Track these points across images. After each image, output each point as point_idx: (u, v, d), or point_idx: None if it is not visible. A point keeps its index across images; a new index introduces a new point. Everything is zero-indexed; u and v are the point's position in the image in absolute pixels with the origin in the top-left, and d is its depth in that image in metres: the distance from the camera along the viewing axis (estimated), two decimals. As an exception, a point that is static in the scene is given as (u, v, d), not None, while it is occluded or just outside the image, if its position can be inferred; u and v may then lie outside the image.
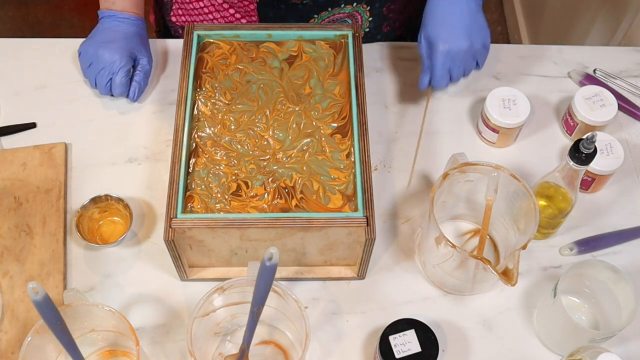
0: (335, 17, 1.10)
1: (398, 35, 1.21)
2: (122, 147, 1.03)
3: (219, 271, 0.92)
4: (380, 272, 0.94)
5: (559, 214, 0.92)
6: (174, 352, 0.88)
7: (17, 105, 1.07)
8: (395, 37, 1.20)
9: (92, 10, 1.11)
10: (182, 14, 1.16)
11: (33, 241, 0.94)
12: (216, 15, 1.12)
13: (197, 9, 1.13)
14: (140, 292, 0.92)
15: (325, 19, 1.10)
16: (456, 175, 0.89)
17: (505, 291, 0.93)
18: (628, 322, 0.81)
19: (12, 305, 0.89)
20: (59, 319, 0.71)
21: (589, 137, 0.81)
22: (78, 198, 0.98)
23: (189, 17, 1.15)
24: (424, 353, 0.81)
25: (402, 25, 1.19)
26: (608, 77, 1.12)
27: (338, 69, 0.95)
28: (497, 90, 1.01)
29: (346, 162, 0.87)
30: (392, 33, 1.19)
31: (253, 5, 1.08)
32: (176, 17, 1.17)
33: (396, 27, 1.18)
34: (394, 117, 1.08)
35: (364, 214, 0.83)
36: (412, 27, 1.22)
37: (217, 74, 0.94)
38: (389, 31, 1.18)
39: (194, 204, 0.84)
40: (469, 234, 0.98)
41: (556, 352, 0.89)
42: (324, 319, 0.91)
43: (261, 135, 0.89)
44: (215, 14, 1.12)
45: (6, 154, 1.01)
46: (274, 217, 0.82)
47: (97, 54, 1.03)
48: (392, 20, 1.16)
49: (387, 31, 1.18)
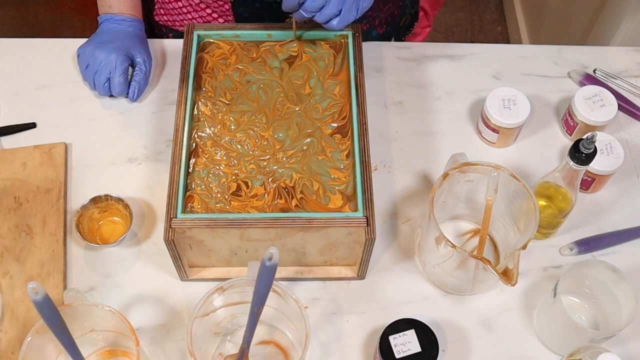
0: None
1: (380, 33, 1.20)
2: (122, 147, 1.03)
3: (219, 271, 0.92)
4: (380, 272, 0.94)
5: (559, 214, 0.92)
6: (174, 352, 0.88)
7: (17, 105, 1.07)
8: (378, 35, 1.19)
9: (92, 10, 1.11)
10: (163, 14, 1.17)
11: (33, 241, 0.94)
12: (194, 15, 1.12)
13: (176, 8, 1.14)
14: (140, 292, 0.92)
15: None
16: (456, 175, 0.89)
17: (505, 291, 0.93)
18: (628, 322, 0.81)
19: (12, 305, 0.89)
20: (59, 319, 0.71)
21: (589, 137, 0.81)
22: (78, 198, 0.98)
23: (170, 17, 1.16)
24: (424, 353, 0.81)
25: (382, 23, 1.18)
26: (608, 77, 1.12)
27: (338, 69, 0.95)
28: (497, 90, 1.01)
29: (346, 162, 0.87)
30: (373, 31, 1.18)
31: (228, 5, 1.08)
32: (158, 16, 1.18)
33: (375, 25, 1.17)
34: (394, 117, 1.08)
35: (364, 214, 0.83)
36: (396, 26, 1.21)
37: (217, 74, 0.94)
38: (369, 29, 1.17)
39: (194, 204, 0.84)
40: (469, 234, 0.98)
41: (556, 352, 0.89)
42: (324, 319, 0.91)
43: (261, 135, 0.89)
44: (193, 13, 1.13)
45: (6, 154, 1.01)
46: (274, 217, 0.82)
47: (94, 55, 1.03)
48: (371, 18, 1.15)
49: (367, 29, 1.17)
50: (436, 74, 1.13)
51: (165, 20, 1.18)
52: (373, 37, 1.18)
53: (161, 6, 1.16)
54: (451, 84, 1.11)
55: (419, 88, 1.11)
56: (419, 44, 1.16)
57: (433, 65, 1.13)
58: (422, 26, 1.29)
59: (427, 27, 1.30)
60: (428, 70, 1.13)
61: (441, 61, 1.14)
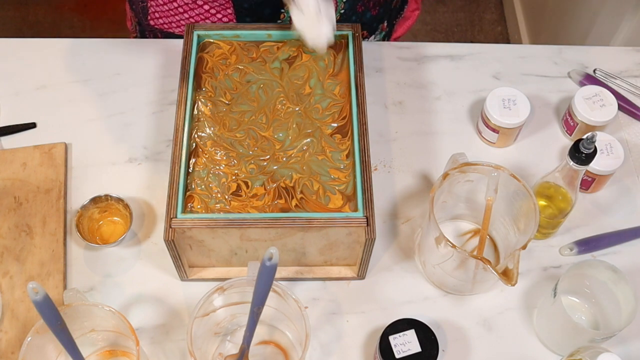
0: None
1: (373, 15, 1.19)
2: (122, 147, 1.03)
3: (219, 271, 0.92)
4: (380, 272, 0.94)
5: (559, 214, 0.92)
6: (174, 352, 0.88)
7: (17, 105, 1.07)
8: (371, 17, 1.19)
9: (92, 10, 1.11)
10: (159, 17, 1.16)
11: (33, 241, 0.94)
12: (191, 13, 1.12)
13: (172, 9, 1.13)
14: (140, 292, 0.92)
15: None
16: (456, 175, 0.89)
17: (505, 291, 0.93)
18: (628, 322, 0.81)
19: (12, 305, 0.89)
20: (59, 319, 0.71)
21: (589, 137, 0.81)
22: (78, 198, 0.98)
23: (166, 19, 1.15)
24: (424, 353, 0.81)
25: (375, 4, 1.18)
26: (608, 77, 1.12)
27: (338, 69, 0.95)
28: (497, 90, 1.01)
29: (346, 162, 0.87)
30: (367, 12, 1.18)
31: None
32: (154, 20, 1.17)
33: (370, 6, 1.17)
34: (394, 117, 1.08)
35: (364, 214, 0.83)
36: (388, 7, 1.21)
37: (217, 74, 0.94)
38: (364, 11, 1.17)
39: (194, 204, 0.84)
40: (469, 234, 0.98)
41: (556, 352, 0.89)
42: (324, 319, 0.91)
43: (261, 135, 0.89)
44: (190, 12, 1.12)
45: (6, 154, 1.01)
46: (274, 217, 0.82)
47: None
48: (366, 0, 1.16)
49: (362, 11, 1.16)
50: (436, 74, 1.13)
51: (162, 24, 1.17)
52: (367, 19, 1.18)
53: (156, 9, 1.15)
54: (451, 84, 1.11)
55: (419, 88, 1.11)
56: (419, 44, 1.16)
57: (433, 65, 1.13)
58: (412, 9, 1.29)
59: (416, 10, 1.30)
60: (428, 70, 1.13)
61: (441, 61, 1.14)
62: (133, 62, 1.12)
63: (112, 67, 1.11)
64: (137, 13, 1.20)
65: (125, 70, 1.11)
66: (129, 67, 1.11)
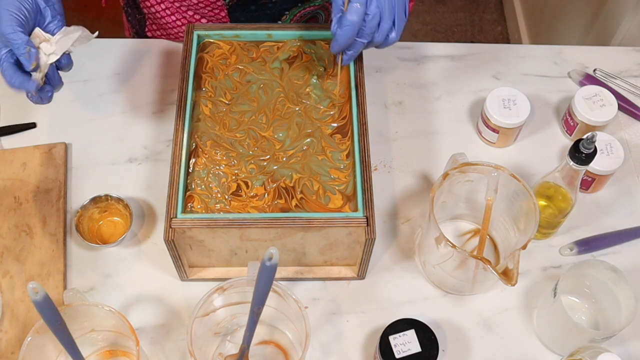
0: (307, 10, 1.09)
1: None
2: (122, 147, 1.03)
3: (219, 271, 0.92)
4: (380, 272, 0.94)
5: (559, 214, 0.92)
6: (174, 352, 0.88)
7: (17, 105, 1.07)
8: None
9: (92, 10, 1.11)
10: (156, 29, 1.16)
11: (33, 241, 0.94)
12: None
13: (169, 22, 1.13)
14: (140, 292, 0.92)
15: (296, 14, 1.09)
16: (456, 175, 0.89)
17: (505, 291, 0.93)
18: (628, 322, 0.81)
19: (12, 305, 0.89)
20: (59, 319, 0.71)
21: (589, 137, 0.81)
22: (78, 198, 0.98)
23: (164, 32, 1.15)
24: (424, 353, 0.81)
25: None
26: (608, 77, 1.12)
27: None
28: (497, 90, 1.01)
29: (346, 162, 0.87)
30: None
31: (224, 12, 1.08)
32: (151, 32, 1.18)
33: None
34: (394, 117, 1.08)
35: (364, 214, 0.83)
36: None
37: (217, 74, 0.94)
38: None
39: (194, 204, 0.84)
40: (469, 234, 0.98)
41: (556, 352, 0.89)
42: (324, 319, 0.91)
43: (261, 135, 0.89)
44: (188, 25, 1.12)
45: (6, 154, 1.01)
46: (274, 217, 0.82)
47: None
48: None
49: None
50: (436, 74, 1.13)
51: (159, 35, 1.17)
52: None
53: (153, 22, 1.15)
54: (451, 84, 1.11)
55: (419, 88, 1.11)
56: (419, 44, 1.16)
57: (433, 65, 1.13)
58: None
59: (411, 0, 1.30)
60: (428, 70, 1.13)
61: (441, 61, 1.14)
62: (133, 62, 1.12)
63: (112, 67, 1.11)
64: (134, 25, 1.20)
65: (125, 70, 1.11)
66: (129, 67, 1.11)
